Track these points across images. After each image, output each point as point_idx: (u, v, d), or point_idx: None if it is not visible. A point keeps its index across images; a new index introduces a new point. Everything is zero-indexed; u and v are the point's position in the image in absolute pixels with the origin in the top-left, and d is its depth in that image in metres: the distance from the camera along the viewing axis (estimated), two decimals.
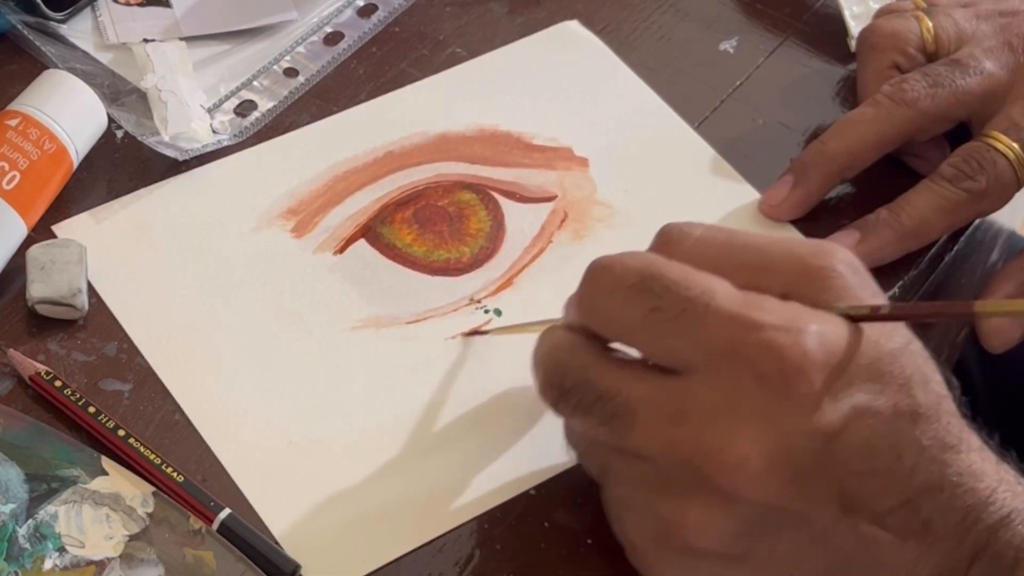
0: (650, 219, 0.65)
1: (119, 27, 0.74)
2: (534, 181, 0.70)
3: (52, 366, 0.62)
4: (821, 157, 0.69)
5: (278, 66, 0.73)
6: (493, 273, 0.67)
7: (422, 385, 0.63)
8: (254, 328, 0.64)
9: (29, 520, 0.56)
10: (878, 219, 0.68)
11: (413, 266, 0.67)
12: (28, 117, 0.66)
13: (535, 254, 0.68)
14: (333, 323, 0.64)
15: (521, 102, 0.73)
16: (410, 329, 0.65)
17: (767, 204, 0.69)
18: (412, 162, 0.70)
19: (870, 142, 0.68)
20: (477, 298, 0.66)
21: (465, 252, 0.67)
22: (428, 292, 0.66)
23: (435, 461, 0.60)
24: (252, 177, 0.69)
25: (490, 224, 0.68)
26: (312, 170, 0.69)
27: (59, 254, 0.64)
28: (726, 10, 0.78)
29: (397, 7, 0.76)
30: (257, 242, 0.67)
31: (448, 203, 0.69)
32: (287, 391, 0.62)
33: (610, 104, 0.74)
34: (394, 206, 0.69)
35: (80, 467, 0.58)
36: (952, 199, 0.67)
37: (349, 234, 0.68)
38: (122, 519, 0.57)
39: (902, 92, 0.68)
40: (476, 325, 0.65)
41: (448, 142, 0.71)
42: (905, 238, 0.68)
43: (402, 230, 0.68)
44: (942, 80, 0.68)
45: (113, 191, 0.68)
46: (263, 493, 0.59)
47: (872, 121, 0.68)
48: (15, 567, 0.55)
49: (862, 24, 0.75)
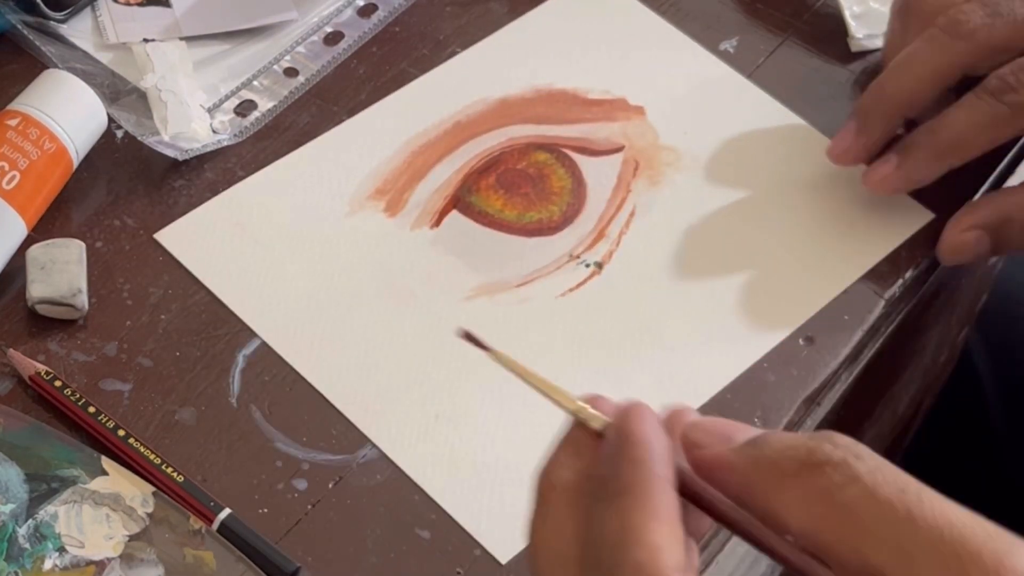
0: (715, 157, 0.71)
1: (119, 27, 0.74)
2: (600, 134, 0.72)
3: (52, 366, 0.62)
4: (880, 101, 0.67)
5: (278, 66, 0.73)
6: (585, 228, 0.68)
7: (545, 345, 0.65)
8: (374, 310, 0.65)
9: (29, 520, 0.56)
10: (915, 140, 0.66)
11: (509, 230, 0.68)
12: (28, 117, 0.66)
13: (619, 204, 0.69)
14: (447, 295, 0.66)
15: (567, 59, 0.74)
16: (521, 292, 0.66)
17: (834, 152, 0.69)
18: (481, 130, 0.72)
19: (927, 80, 0.66)
20: (576, 254, 0.68)
21: (555, 211, 0.69)
22: (528, 254, 0.67)
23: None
24: (332, 164, 0.70)
25: (571, 181, 0.70)
26: (389, 149, 0.70)
27: (59, 254, 0.64)
28: (726, 10, 0.78)
29: (397, 7, 0.76)
30: (354, 225, 0.68)
31: (526, 165, 0.70)
32: (420, 367, 0.64)
33: (648, 51, 0.75)
34: (476, 174, 0.70)
35: (80, 467, 0.58)
36: (992, 113, 0.65)
37: (441, 207, 0.69)
38: (122, 519, 0.57)
39: (957, 24, 0.66)
40: (571, 285, 0.67)
41: (510, 106, 0.72)
42: (942, 156, 0.66)
43: (490, 196, 0.69)
44: (1000, 8, 0.65)
45: (113, 191, 0.68)
46: (424, 472, 0.61)
47: (928, 58, 0.66)
48: (15, 567, 0.55)
49: (862, 24, 0.75)
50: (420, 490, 0.61)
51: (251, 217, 0.68)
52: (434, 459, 0.61)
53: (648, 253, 0.68)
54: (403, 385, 0.63)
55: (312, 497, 0.60)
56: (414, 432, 0.62)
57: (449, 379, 0.63)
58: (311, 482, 0.60)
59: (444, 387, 0.63)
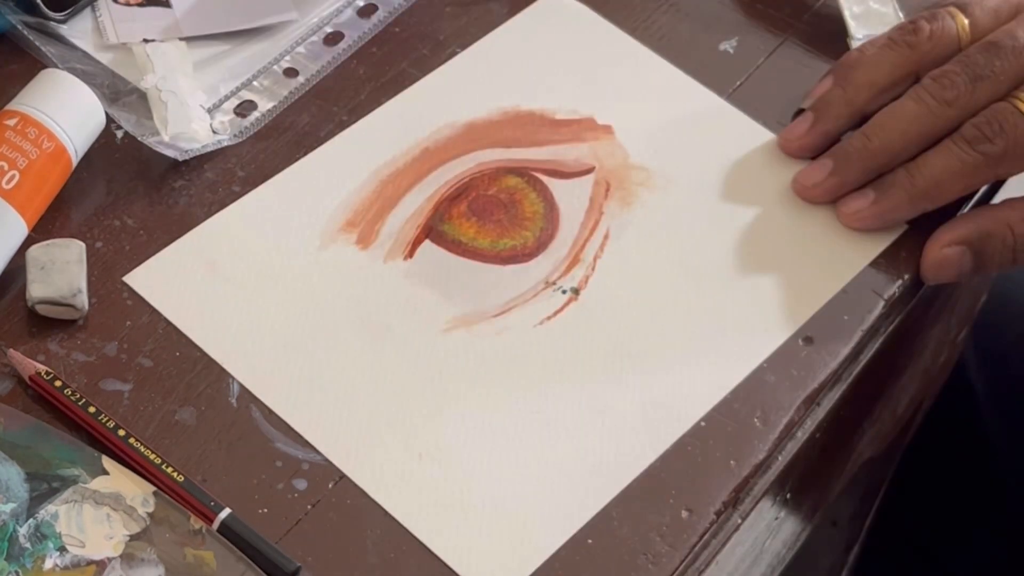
0: (687, 175, 0.70)
1: (119, 27, 0.74)
2: (569, 156, 0.71)
3: (52, 366, 0.62)
4: (863, 152, 0.68)
5: (278, 66, 0.73)
6: (559, 253, 0.67)
7: (526, 376, 0.63)
8: (350, 347, 0.64)
9: (30, 520, 0.56)
10: (894, 179, 0.67)
11: (483, 259, 0.67)
12: (26, 116, 0.66)
13: (592, 227, 0.68)
14: (424, 329, 0.64)
15: (532, 79, 0.74)
16: (498, 322, 0.65)
17: (801, 183, 0.69)
18: (450, 155, 0.71)
19: (912, 139, 0.68)
20: (551, 280, 0.66)
21: (528, 237, 0.68)
22: (504, 282, 0.66)
23: (567, 448, 0.61)
24: (300, 196, 0.69)
25: (543, 205, 0.69)
26: (357, 178, 0.69)
27: (59, 254, 0.64)
28: (726, 10, 0.78)
29: (397, 7, 0.76)
30: (327, 259, 0.66)
31: (497, 190, 0.69)
32: (401, 405, 0.62)
33: (614, 68, 0.74)
34: (447, 202, 0.69)
35: (81, 466, 0.58)
36: (968, 162, 0.66)
37: (413, 237, 0.68)
38: (123, 519, 0.57)
39: (943, 91, 0.67)
40: (549, 313, 0.66)
41: (478, 130, 0.72)
42: (918, 199, 0.67)
43: (462, 224, 0.68)
44: (981, 72, 0.67)
45: (113, 191, 0.68)
46: (410, 513, 0.59)
47: (915, 119, 0.68)
48: (16, 567, 0.55)
49: (862, 24, 0.75)
50: None
51: (222, 255, 0.66)
52: (420, 500, 0.60)
53: (624, 276, 0.67)
54: (384, 424, 0.62)
55: (312, 497, 0.60)
56: (398, 473, 0.60)
57: (432, 416, 0.62)
58: (311, 482, 0.60)
59: (427, 425, 0.62)
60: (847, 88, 0.70)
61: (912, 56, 0.69)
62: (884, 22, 0.75)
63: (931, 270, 0.68)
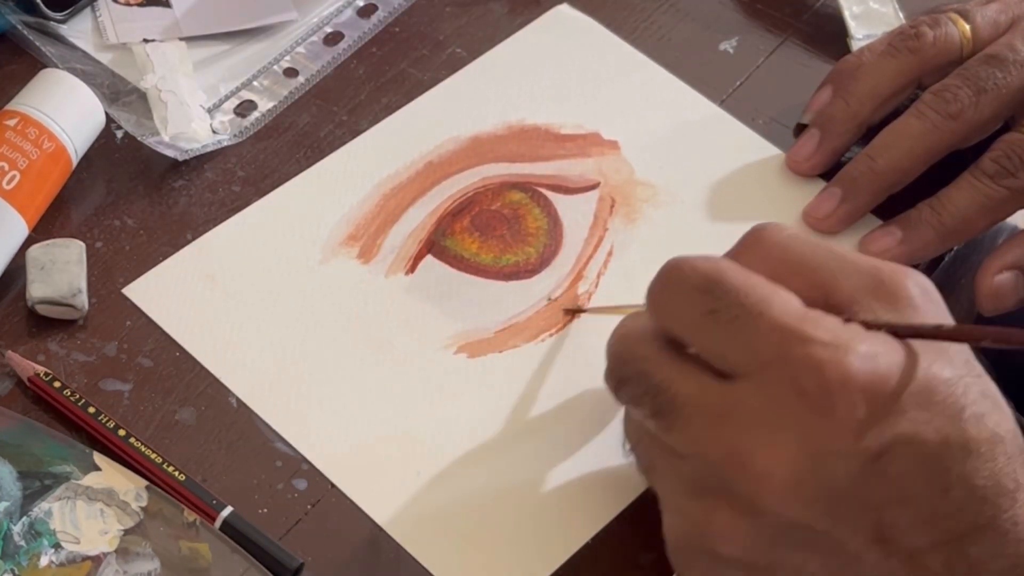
0: (693, 191, 0.69)
1: (119, 27, 0.74)
2: (574, 171, 0.70)
3: (52, 366, 0.62)
4: (870, 174, 0.67)
5: (278, 66, 0.73)
6: (562, 269, 0.67)
7: (527, 393, 0.63)
8: (351, 363, 0.63)
9: (23, 518, 0.56)
10: (920, 217, 0.67)
11: (485, 275, 0.66)
12: (26, 116, 0.66)
13: (595, 244, 0.68)
14: (425, 345, 0.64)
15: (538, 93, 0.73)
16: (500, 338, 0.64)
17: (813, 216, 0.68)
18: (454, 169, 0.70)
19: (918, 157, 0.67)
20: (554, 296, 0.66)
21: (531, 253, 0.67)
22: (506, 298, 0.66)
23: (568, 466, 0.61)
24: (302, 209, 0.68)
25: (547, 221, 0.68)
26: (359, 192, 0.69)
27: (59, 254, 0.64)
28: (726, 10, 0.78)
29: (397, 7, 0.76)
30: (328, 274, 0.66)
31: (501, 206, 0.69)
32: (401, 421, 0.62)
33: (621, 83, 0.74)
34: (450, 216, 0.68)
35: (72, 463, 0.58)
36: (995, 197, 0.66)
37: (415, 252, 0.67)
38: (116, 514, 0.57)
39: (947, 105, 0.66)
40: (551, 330, 0.65)
41: (482, 144, 0.71)
42: (947, 237, 0.67)
43: (465, 240, 0.67)
44: (985, 84, 0.66)
45: (113, 191, 0.68)
46: (408, 532, 0.59)
47: (919, 136, 0.67)
48: (11, 565, 0.55)
49: (862, 24, 0.75)
50: None
51: (222, 268, 0.66)
52: (417, 518, 0.59)
53: (627, 294, 0.65)
54: (383, 441, 0.61)
55: (312, 497, 0.60)
56: (397, 491, 0.60)
57: (431, 432, 0.61)
58: (311, 482, 0.60)
59: (426, 441, 0.61)
60: (850, 100, 0.69)
61: (915, 63, 0.69)
62: (884, 22, 0.75)
63: (988, 300, 0.67)
